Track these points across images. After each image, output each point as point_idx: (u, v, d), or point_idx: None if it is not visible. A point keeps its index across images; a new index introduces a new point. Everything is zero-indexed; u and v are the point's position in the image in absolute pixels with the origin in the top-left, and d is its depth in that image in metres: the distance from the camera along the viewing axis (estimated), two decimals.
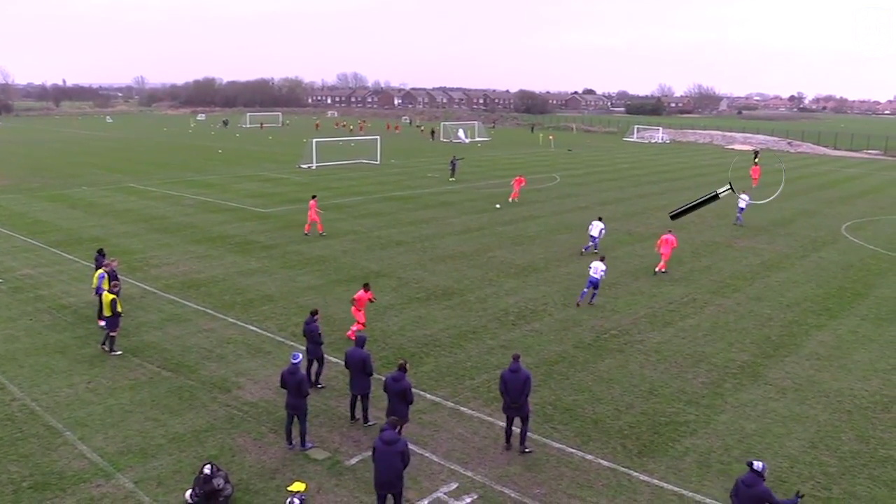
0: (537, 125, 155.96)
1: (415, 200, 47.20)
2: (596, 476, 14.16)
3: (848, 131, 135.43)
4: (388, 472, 11.93)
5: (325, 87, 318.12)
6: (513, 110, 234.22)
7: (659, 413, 16.94)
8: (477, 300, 25.29)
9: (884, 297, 27.27)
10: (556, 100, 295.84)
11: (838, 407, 17.58)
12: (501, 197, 49.03)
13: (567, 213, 44.03)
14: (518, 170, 67.45)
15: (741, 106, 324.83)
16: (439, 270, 29.16)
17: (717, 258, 32.79)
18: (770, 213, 46.53)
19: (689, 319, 23.85)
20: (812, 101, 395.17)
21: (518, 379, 14.63)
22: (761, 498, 11.05)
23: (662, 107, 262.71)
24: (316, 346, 17.47)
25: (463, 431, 15.79)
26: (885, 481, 14.28)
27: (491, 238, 35.62)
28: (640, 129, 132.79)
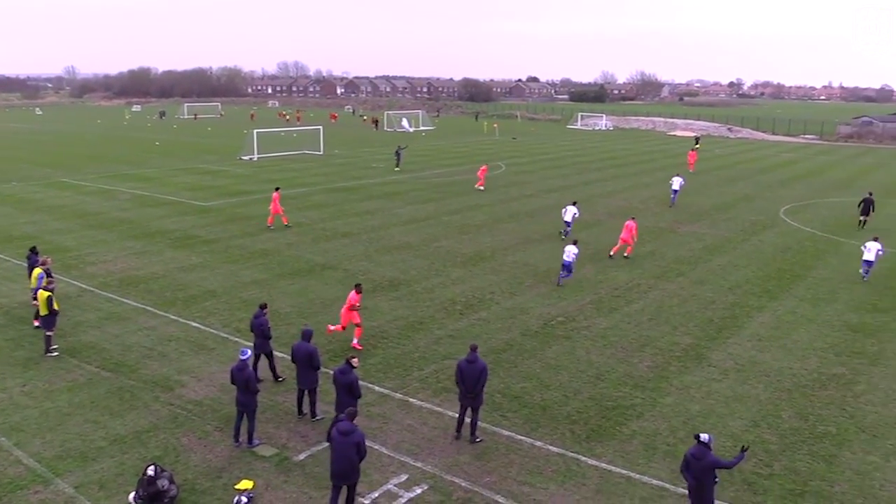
0: (482, 113, 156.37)
1: (360, 191, 46.98)
2: (545, 462, 14.40)
3: (785, 117, 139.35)
4: (344, 463, 11.98)
5: (265, 77, 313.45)
6: (457, 98, 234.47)
7: (606, 398, 17.28)
8: (424, 290, 25.36)
9: (821, 277, 28.24)
10: (500, 87, 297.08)
11: (778, 386, 18.19)
12: (446, 186, 49.19)
13: (513, 201, 44.38)
14: (463, 159, 67.70)
15: (683, 92, 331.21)
16: (386, 261, 29.13)
17: (661, 243, 33.50)
18: (711, 197, 47.68)
19: (634, 304, 24.34)
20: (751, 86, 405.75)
21: (475, 370, 14.75)
22: (711, 467, 11.52)
23: (606, 94, 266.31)
24: (265, 340, 17.32)
25: (412, 422, 15.87)
26: (824, 456, 14.85)
27: (437, 228, 35.71)
28: (583, 117, 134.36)
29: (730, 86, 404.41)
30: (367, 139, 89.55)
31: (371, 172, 56.66)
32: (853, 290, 26.57)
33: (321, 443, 14.80)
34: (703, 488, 11.65)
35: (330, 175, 54.78)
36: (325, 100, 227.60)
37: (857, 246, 33.84)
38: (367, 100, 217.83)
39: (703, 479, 11.60)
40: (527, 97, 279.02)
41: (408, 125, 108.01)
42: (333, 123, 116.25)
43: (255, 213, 38.51)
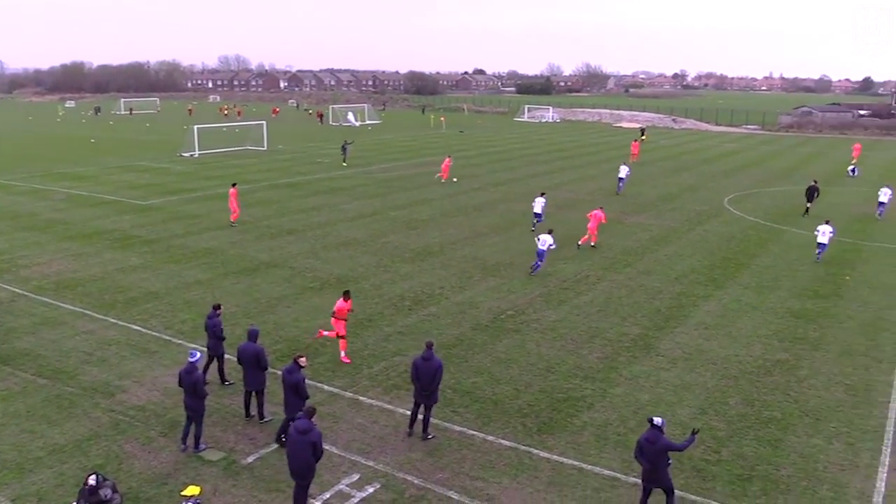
0: (428, 106, 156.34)
1: (305, 187, 46.53)
2: (498, 456, 14.49)
3: (728, 108, 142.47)
4: (298, 461, 11.97)
5: (205, 71, 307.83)
6: (403, 92, 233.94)
7: (557, 390, 17.48)
8: (372, 287, 25.27)
9: (764, 265, 29.01)
10: (446, 80, 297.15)
11: (725, 373, 18.63)
12: (393, 181, 49.07)
13: (461, 195, 44.49)
14: (410, 153, 67.67)
15: (628, 84, 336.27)
16: (333, 258, 28.93)
17: (608, 235, 33.96)
18: (657, 188, 48.54)
19: (583, 296, 24.65)
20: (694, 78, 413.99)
21: (430, 367, 14.76)
22: (665, 450, 11.86)
23: (552, 86, 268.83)
24: (218, 341, 17.03)
25: (363, 421, 15.81)
26: (770, 441, 15.27)
27: (384, 223, 35.60)
28: (530, 109, 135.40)
29: (674, 77, 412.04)
30: (311, 134, 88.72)
31: (316, 168, 56.17)
32: (795, 278, 27.35)
33: (269, 445, 14.64)
34: (658, 471, 11.99)
35: (274, 171, 54.13)
36: (268, 94, 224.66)
37: (798, 234, 34.87)
38: (312, 94, 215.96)
39: (658, 463, 11.94)
40: (473, 90, 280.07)
41: (353, 119, 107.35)
42: (275, 118, 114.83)
43: (198, 212, 37.85)
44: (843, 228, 36.26)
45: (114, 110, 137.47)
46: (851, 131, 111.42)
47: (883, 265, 29.55)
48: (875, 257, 30.84)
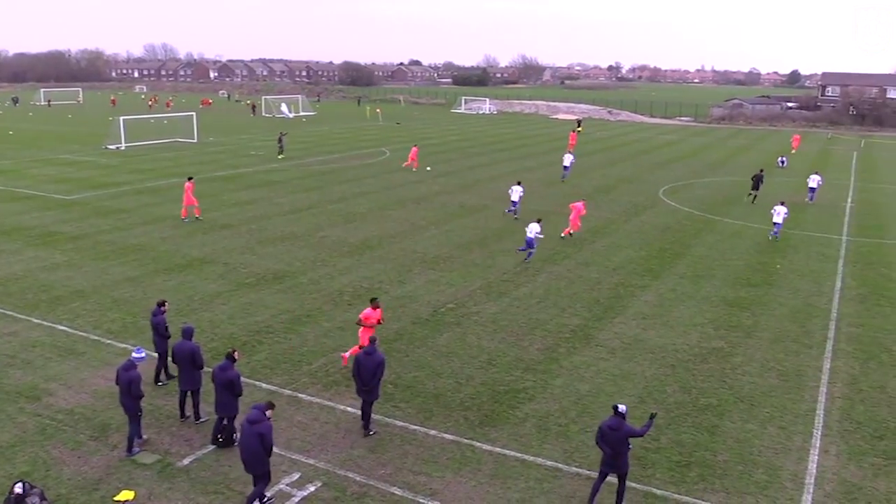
0: (364, 98, 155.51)
1: (238, 180, 45.74)
2: (440, 450, 14.55)
3: (662, 100, 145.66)
4: (247, 451, 12.00)
5: (130, 60, 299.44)
6: (338, 83, 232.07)
7: (498, 382, 17.63)
8: (310, 282, 25.03)
9: (699, 255, 29.79)
10: (382, 71, 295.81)
11: (663, 362, 19.09)
12: (330, 174, 48.67)
13: (398, 187, 44.39)
14: (346, 145, 67.20)
15: (564, 76, 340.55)
16: (269, 253, 28.54)
17: (547, 227, 34.27)
18: (594, 180, 49.33)
19: (523, 288, 24.90)
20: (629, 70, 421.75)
21: (371, 362, 14.71)
22: (628, 436, 12.27)
23: (488, 77, 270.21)
24: (163, 339, 16.61)
25: (302, 419, 15.67)
26: (707, 427, 15.71)
27: (321, 217, 35.28)
28: (467, 101, 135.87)
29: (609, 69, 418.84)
30: (244, 125, 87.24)
31: (250, 160, 55.26)
32: (728, 267, 28.17)
33: (206, 446, 14.39)
34: (619, 457, 12.35)
35: (205, 164, 53.04)
36: (197, 84, 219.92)
37: (731, 224, 35.93)
38: (244, 84, 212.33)
39: (620, 449, 12.30)
40: (409, 81, 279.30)
41: (287, 111, 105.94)
42: (202, 108, 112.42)
43: (126, 206, 36.84)
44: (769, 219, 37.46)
45: (33, 101, 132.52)
46: (780, 123, 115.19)
47: (811, 253, 30.67)
48: (803, 245, 31.99)
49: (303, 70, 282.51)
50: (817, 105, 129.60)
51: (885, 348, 20.45)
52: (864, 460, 14.60)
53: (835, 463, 14.48)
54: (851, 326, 22.11)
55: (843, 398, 17.31)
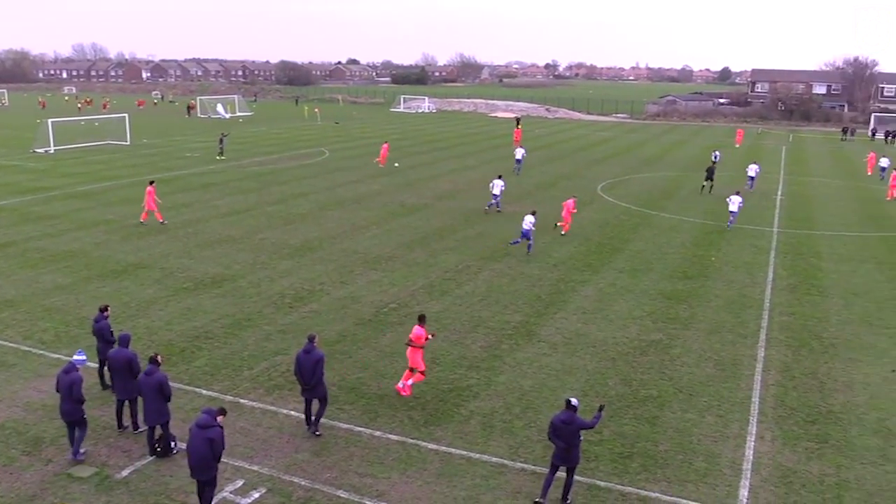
0: (301, 97, 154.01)
1: (174, 183, 44.79)
2: (386, 451, 14.50)
3: (598, 97, 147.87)
4: (196, 456, 11.81)
5: (58, 60, 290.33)
6: (275, 82, 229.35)
7: (442, 381, 17.66)
8: (250, 285, 24.67)
9: (637, 250, 30.35)
10: (319, 71, 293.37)
11: (604, 355, 19.39)
12: (267, 175, 48.07)
13: (338, 188, 44.09)
14: (284, 145, 66.48)
15: (502, 74, 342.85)
16: (206, 257, 28.03)
17: (488, 224, 34.58)
18: (533, 177, 49.82)
19: (466, 286, 25.00)
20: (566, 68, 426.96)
21: (310, 360, 14.66)
22: (580, 429, 12.50)
23: (427, 76, 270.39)
24: (108, 345, 16.13)
25: (245, 425, 15.43)
26: (647, 418, 16.02)
27: (260, 219, 34.80)
28: (406, 99, 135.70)
29: (546, 67, 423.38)
30: (178, 127, 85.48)
31: (185, 162, 54.15)
32: (665, 261, 28.77)
33: (145, 457, 14.05)
34: (572, 450, 12.54)
35: (139, 167, 51.78)
36: (129, 85, 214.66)
37: (668, 218, 36.71)
38: (177, 84, 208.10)
39: (573, 442, 12.49)
40: (348, 80, 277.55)
41: (223, 111, 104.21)
42: (140, 108, 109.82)
43: (56, 212, 35.72)
44: (707, 211, 38.44)
45: None
46: (713, 119, 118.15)
47: (743, 245, 31.55)
48: (737, 238, 32.88)
49: (238, 70, 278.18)
50: (748, 101, 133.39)
51: (816, 335, 21.16)
52: (798, 445, 15.09)
53: (770, 448, 14.92)
54: (783, 315, 22.82)
55: (777, 385, 17.85)
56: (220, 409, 12.28)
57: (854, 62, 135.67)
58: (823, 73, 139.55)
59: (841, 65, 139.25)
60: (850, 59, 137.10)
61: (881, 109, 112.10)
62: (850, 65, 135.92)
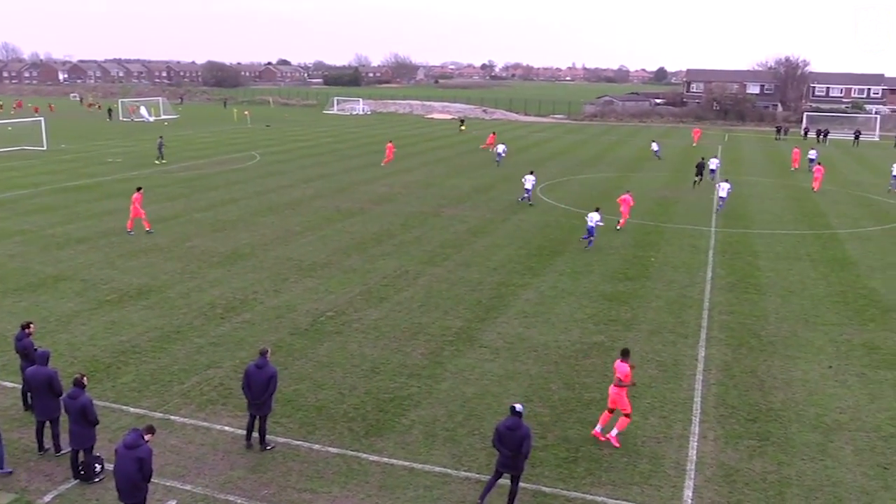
0: (230, 99, 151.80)
1: (95, 190, 43.57)
2: (325, 465, 14.36)
3: (536, 98, 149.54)
4: (124, 478, 11.50)
5: None
6: (201, 84, 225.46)
7: (382, 390, 17.58)
8: (178, 296, 24.15)
9: (577, 251, 30.78)
10: (249, 72, 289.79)
11: (546, 359, 19.58)
12: (195, 180, 47.16)
13: (270, 192, 43.56)
14: (213, 149, 65.43)
15: (438, 75, 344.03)
16: (132, 267, 27.33)
17: (426, 228, 34.61)
18: (472, 179, 50.09)
19: (404, 292, 24.95)
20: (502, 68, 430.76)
21: (263, 376, 14.42)
22: (525, 437, 12.55)
23: (361, 77, 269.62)
24: (30, 364, 15.51)
25: (176, 442, 15.08)
26: (592, 422, 16.22)
27: (188, 226, 34.11)
28: (340, 101, 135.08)
29: (483, 68, 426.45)
30: (99, 131, 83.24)
31: (107, 168, 52.74)
32: (606, 262, 29.24)
33: (69, 480, 13.59)
34: (517, 458, 12.60)
35: (57, 173, 50.21)
36: (44, 87, 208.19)
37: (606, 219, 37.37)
38: (97, 86, 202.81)
39: (518, 449, 12.54)
40: (279, 81, 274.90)
41: (147, 114, 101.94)
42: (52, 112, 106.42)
43: None
44: (645, 212, 39.24)
45: None
46: (649, 119, 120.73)
47: (683, 245, 32.30)
48: (676, 238, 33.64)
49: (163, 70, 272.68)
50: (683, 101, 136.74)
51: (754, 334, 21.78)
52: (740, 443, 15.49)
53: (713, 448, 15.28)
54: (723, 314, 23.43)
55: (718, 384, 18.31)
56: (149, 427, 11.99)
57: (786, 62, 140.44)
58: (756, 72, 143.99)
59: (773, 65, 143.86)
60: (782, 59, 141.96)
61: (813, 109, 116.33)
62: (782, 64, 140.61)
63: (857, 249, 32.38)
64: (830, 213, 41.13)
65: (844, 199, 45.86)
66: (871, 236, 35.40)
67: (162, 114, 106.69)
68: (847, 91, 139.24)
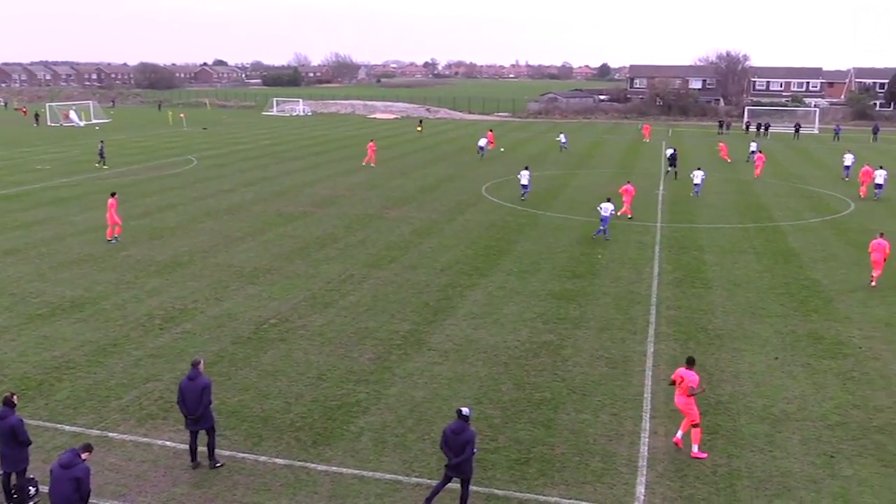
0: (165, 102, 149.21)
1: (22, 199, 42.35)
2: (273, 477, 14.19)
3: (480, 96, 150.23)
4: (60, 500, 11.22)
5: None
6: (134, 86, 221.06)
7: (330, 398, 17.45)
8: (114, 307, 23.62)
9: (524, 251, 31.00)
10: (183, 73, 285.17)
11: (496, 360, 19.68)
12: (130, 186, 46.20)
13: (209, 197, 42.91)
14: (149, 154, 64.20)
15: (380, 74, 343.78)
16: (64, 279, 26.63)
17: (371, 230, 34.49)
18: (416, 180, 50.10)
19: (350, 297, 24.82)
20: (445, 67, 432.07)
21: (196, 387, 14.13)
22: (468, 441, 12.59)
23: (301, 77, 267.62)
24: None
25: (115, 460, 14.73)
26: (542, 422, 16.37)
27: (124, 234, 33.34)
28: (279, 102, 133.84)
29: (425, 66, 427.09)
30: (25, 137, 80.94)
31: (35, 176, 51.28)
32: (553, 260, 29.53)
33: None
34: (465, 462, 12.61)
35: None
36: None
37: (553, 217, 37.74)
38: (23, 90, 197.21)
39: (464, 453, 12.56)
40: (215, 83, 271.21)
41: (77, 118, 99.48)
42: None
43: None
44: (591, 209, 39.70)
45: None
46: (594, 115, 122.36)
47: (629, 242, 32.79)
48: (622, 234, 34.13)
49: (93, 73, 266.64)
50: (627, 97, 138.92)
51: (702, 328, 22.23)
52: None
53: (664, 443, 15.54)
54: (670, 310, 23.85)
55: (668, 380, 18.55)
56: (86, 445, 11.71)
57: (727, 57, 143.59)
58: (698, 67, 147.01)
59: (714, 59, 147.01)
60: (723, 54, 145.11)
61: (754, 103, 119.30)
62: (723, 59, 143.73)
63: (800, 241, 33.31)
64: (773, 205, 42.23)
65: (786, 192, 47.16)
66: (813, 228, 36.46)
67: (93, 118, 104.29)
68: (787, 85, 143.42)
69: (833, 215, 39.68)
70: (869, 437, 15.85)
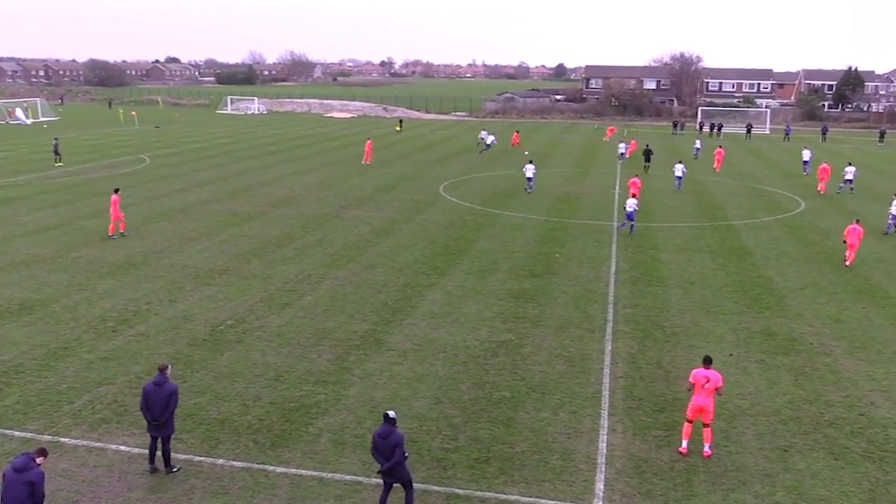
0: (116, 99, 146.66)
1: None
2: (230, 480, 14.04)
3: (437, 95, 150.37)
4: None
5: None
6: (83, 83, 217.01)
7: (288, 399, 17.32)
8: (65, 310, 23.14)
9: (483, 250, 31.12)
10: (134, 70, 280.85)
11: (455, 360, 19.72)
12: (80, 186, 45.32)
13: (163, 197, 42.28)
14: (99, 153, 63.03)
15: (336, 72, 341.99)
16: (11, 281, 26.02)
17: (328, 230, 34.31)
18: (373, 179, 49.97)
19: (308, 297, 24.66)
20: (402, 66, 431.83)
21: (162, 393, 13.90)
22: (397, 444, 12.40)
23: (255, 75, 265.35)
24: None
25: (67, 466, 14.44)
26: (502, 421, 16.44)
27: (74, 235, 32.73)
28: (234, 100, 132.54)
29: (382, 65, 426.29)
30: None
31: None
32: (512, 259, 29.68)
33: None
34: (396, 466, 12.46)
35: None
36: None
37: (511, 216, 37.95)
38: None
39: (394, 457, 12.40)
40: (167, 80, 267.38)
41: (24, 116, 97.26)
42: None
43: None
44: (549, 208, 40.07)
45: None
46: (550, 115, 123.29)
47: (587, 240, 33.12)
48: (579, 233, 34.47)
49: (40, 69, 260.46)
50: (583, 97, 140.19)
51: (658, 326, 22.54)
52: (648, 434, 16.00)
53: (622, 440, 15.73)
54: (627, 308, 24.14)
55: (625, 377, 18.86)
56: (41, 449, 11.50)
57: (680, 58, 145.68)
58: (653, 68, 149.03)
59: (668, 60, 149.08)
60: (677, 55, 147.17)
61: (707, 103, 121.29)
62: (677, 60, 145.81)
63: (753, 240, 33.97)
64: (727, 204, 43.00)
65: (740, 191, 48.06)
66: (766, 226, 37.21)
67: (41, 115, 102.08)
68: (738, 86, 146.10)
69: (784, 214, 40.55)
70: (820, 432, 16.23)
